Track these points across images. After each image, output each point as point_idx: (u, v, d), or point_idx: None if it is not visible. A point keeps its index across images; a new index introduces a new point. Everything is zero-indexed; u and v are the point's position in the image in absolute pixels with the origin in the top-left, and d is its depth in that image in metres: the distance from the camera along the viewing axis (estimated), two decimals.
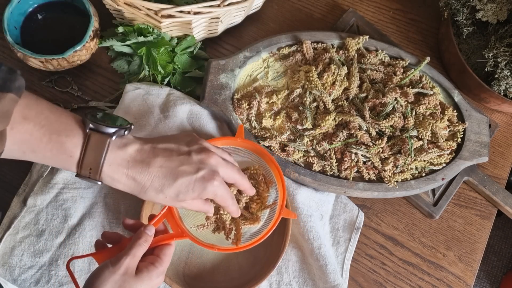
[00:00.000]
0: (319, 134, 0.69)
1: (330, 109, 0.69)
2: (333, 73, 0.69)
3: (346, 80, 0.71)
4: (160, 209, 0.54)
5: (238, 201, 0.60)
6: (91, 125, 0.44)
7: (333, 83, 0.70)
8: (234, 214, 0.55)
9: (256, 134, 0.69)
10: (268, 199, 0.60)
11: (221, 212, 0.58)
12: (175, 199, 0.48)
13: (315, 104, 0.70)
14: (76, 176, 0.45)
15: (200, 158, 0.48)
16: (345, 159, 0.68)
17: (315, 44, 0.75)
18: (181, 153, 0.48)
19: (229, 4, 0.66)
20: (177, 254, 0.64)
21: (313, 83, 0.70)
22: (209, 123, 0.69)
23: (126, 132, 0.46)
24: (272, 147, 0.68)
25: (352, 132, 0.68)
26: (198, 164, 0.48)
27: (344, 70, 0.71)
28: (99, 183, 0.45)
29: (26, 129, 0.42)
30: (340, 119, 0.68)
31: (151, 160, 0.46)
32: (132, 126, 0.48)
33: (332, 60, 0.73)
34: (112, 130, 0.45)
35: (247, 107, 0.69)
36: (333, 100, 0.71)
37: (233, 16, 0.74)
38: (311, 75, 0.70)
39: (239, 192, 0.59)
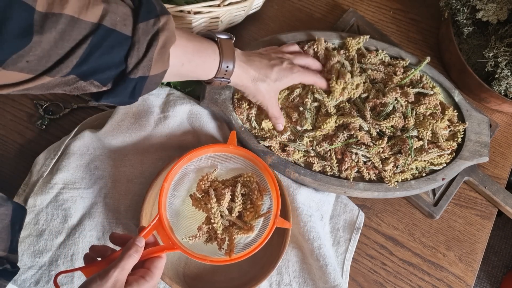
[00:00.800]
0: (320, 135, 0.69)
1: (332, 113, 0.69)
2: (346, 81, 0.69)
3: (356, 87, 0.70)
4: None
5: (231, 210, 0.59)
6: (217, 35, 0.58)
7: (343, 89, 0.70)
8: (323, 85, 0.69)
9: (256, 134, 0.69)
10: (262, 207, 0.59)
11: (213, 222, 0.57)
12: (273, 85, 0.63)
13: (316, 104, 0.70)
14: (210, 80, 0.58)
15: (278, 56, 0.65)
16: (346, 159, 0.68)
17: (326, 42, 0.75)
18: (268, 55, 0.65)
19: (229, 4, 0.66)
20: (177, 254, 0.64)
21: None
22: (209, 123, 0.69)
23: (234, 37, 0.60)
24: (272, 147, 0.68)
25: (352, 132, 0.68)
26: (280, 60, 0.64)
27: (363, 78, 0.71)
28: (229, 81, 0.59)
29: (183, 44, 0.52)
30: (341, 121, 0.68)
31: (252, 58, 0.62)
32: (234, 36, 0.61)
33: (343, 65, 0.72)
34: (228, 36, 0.59)
35: (247, 107, 0.69)
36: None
37: (233, 16, 0.74)
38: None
39: (232, 200, 0.59)
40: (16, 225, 0.52)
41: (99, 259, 0.50)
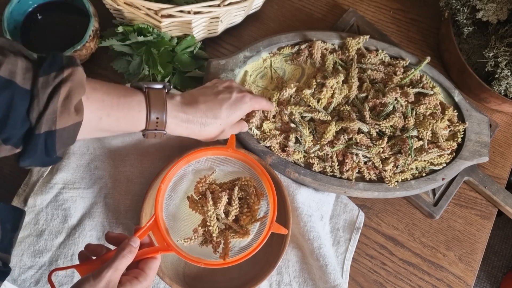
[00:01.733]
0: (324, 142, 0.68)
1: (327, 120, 0.69)
2: (332, 87, 0.69)
3: (345, 87, 0.70)
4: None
5: (227, 213, 0.59)
6: (145, 85, 0.54)
7: (332, 95, 0.70)
8: (271, 108, 0.67)
9: (258, 138, 0.69)
10: (258, 212, 0.59)
11: (209, 224, 0.57)
12: (227, 121, 0.59)
13: (308, 117, 0.70)
14: (143, 131, 0.54)
15: (225, 87, 0.61)
16: (347, 160, 0.68)
17: (323, 43, 0.75)
18: (212, 91, 0.60)
19: (229, 4, 0.66)
20: None
21: (306, 100, 0.69)
22: None
23: (170, 86, 0.57)
24: (272, 147, 0.68)
25: (351, 136, 0.68)
26: (228, 91, 0.60)
27: (341, 77, 0.71)
28: (164, 132, 0.54)
29: (98, 97, 0.49)
30: (340, 127, 0.68)
31: (196, 101, 0.57)
32: (171, 85, 0.59)
33: (335, 64, 0.72)
34: (160, 86, 0.55)
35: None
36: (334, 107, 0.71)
37: (233, 16, 0.74)
38: (304, 94, 0.69)
39: (229, 203, 0.59)
40: (7, 224, 0.52)
41: (94, 257, 0.50)
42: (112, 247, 0.51)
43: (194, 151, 0.60)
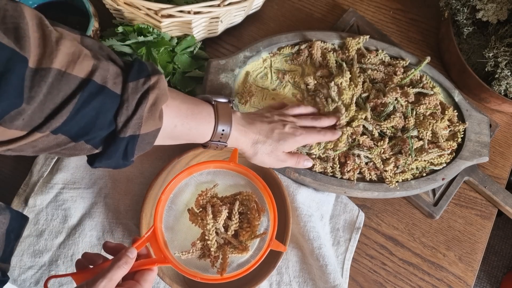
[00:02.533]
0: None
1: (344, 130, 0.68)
2: (341, 84, 0.69)
3: (353, 85, 0.70)
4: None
5: (227, 228, 0.59)
6: (213, 98, 0.57)
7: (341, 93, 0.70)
8: (332, 139, 0.66)
9: None
10: (259, 228, 0.59)
11: (207, 238, 0.57)
12: (277, 147, 0.61)
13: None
14: (207, 142, 0.56)
15: (284, 119, 0.63)
16: (348, 162, 0.68)
17: (322, 43, 0.75)
18: (271, 118, 0.63)
19: (229, 4, 0.66)
20: None
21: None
22: None
23: (234, 101, 0.62)
24: None
25: (354, 137, 0.68)
26: (283, 122, 0.63)
27: (348, 74, 0.71)
28: (226, 144, 0.57)
29: (175, 105, 0.51)
30: (351, 130, 0.68)
31: (254, 120, 0.61)
32: (234, 99, 0.65)
33: (337, 62, 0.72)
34: (226, 99, 0.58)
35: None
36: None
37: (233, 16, 0.74)
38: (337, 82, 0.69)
39: (229, 218, 0.58)
40: (12, 234, 0.52)
41: (91, 266, 0.50)
42: (110, 257, 0.51)
43: (196, 163, 0.60)
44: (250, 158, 0.62)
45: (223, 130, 0.56)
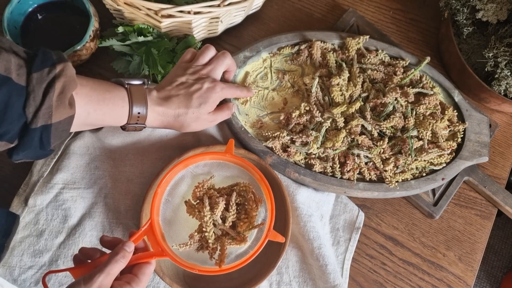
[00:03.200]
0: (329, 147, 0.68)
1: (340, 126, 0.68)
2: (338, 84, 0.68)
3: (351, 85, 0.70)
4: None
5: (225, 219, 0.58)
6: (126, 81, 0.56)
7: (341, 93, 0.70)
8: (248, 95, 0.69)
9: (257, 137, 0.69)
10: (256, 218, 0.59)
11: (205, 230, 0.57)
12: (200, 110, 0.60)
13: (328, 122, 0.69)
14: (124, 125, 0.57)
15: (197, 78, 0.62)
16: (348, 162, 0.68)
17: (322, 43, 0.75)
18: (186, 83, 0.61)
19: (229, 4, 0.66)
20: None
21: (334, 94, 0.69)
22: None
23: (149, 82, 0.60)
24: (274, 147, 0.68)
25: (353, 137, 0.68)
26: (200, 82, 0.61)
27: (346, 73, 0.71)
28: (145, 126, 0.58)
29: (86, 93, 0.51)
30: (349, 127, 0.68)
31: (170, 94, 0.59)
32: (149, 80, 0.61)
33: (337, 62, 0.72)
34: (140, 82, 0.58)
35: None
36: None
37: (233, 16, 0.74)
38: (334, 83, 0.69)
39: (226, 209, 0.58)
40: None
41: (89, 261, 0.50)
42: (108, 251, 0.50)
43: (192, 155, 0.60)
44: (180, 130, 0.62)
45: (138, 113, 0.56)
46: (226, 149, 0.61)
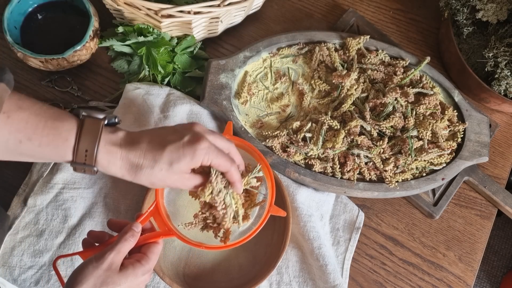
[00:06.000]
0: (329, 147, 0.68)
1: (335, 128, 0.68)
2: (350, 82, 0.69)
3: (357, 85, 0.70)
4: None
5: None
6: (83, 113, 0.46)
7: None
8: (237, 184, 0.51)
9: (257, 137, 0.69)
10: (258, 196, 0.59)
11: (214, 195, 0.52)
12: (170, 170, 0.46)
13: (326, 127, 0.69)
14: (71, 164, 0.46)
15: (186, 128, 0.49)
16: (348, 162, 0.67)
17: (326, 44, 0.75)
18: (167, 130, 0.49)
19: (229, 4, 0.66)
20: (177, 254, 0.64)
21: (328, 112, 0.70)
22: (209, 123, 0.69)
23: (116, 119, 0.48)
24: (273, 147, 0.68)
25: (352, 137, 0.68)
26: (183, 131, 0.48)
27: (355, 74, 0.71)
28: (95, 168, 0.45)
29: (22, 117, 0.43)
30: (348, 127, 0.68)
31: (140, 138, 0.47)
32: (117, 118, 0.49)
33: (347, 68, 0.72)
34: (102, 115, 0.46)
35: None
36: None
37: (233, 16, 0.74)
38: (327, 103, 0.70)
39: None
40: None
41: (97, 244, 0.51)
42: (114, 234, 0.51)
43: None
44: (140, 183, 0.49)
45: (86, 151, 0.45)
46: (225, 131, 0.61)
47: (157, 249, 0.51)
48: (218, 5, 0.65)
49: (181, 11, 0.64)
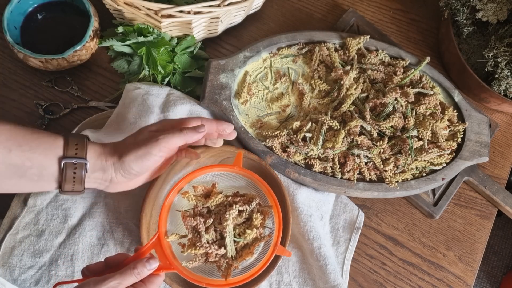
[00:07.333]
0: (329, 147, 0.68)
1: (335, 128, 0.68)
2: (349, 81, 0.69)
3: (356, 85, 0.71)
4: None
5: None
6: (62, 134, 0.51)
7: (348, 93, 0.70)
8: (195, 156, 0.58)
9: (257, 137, 0.69)
10: (264, 231, 0.59)
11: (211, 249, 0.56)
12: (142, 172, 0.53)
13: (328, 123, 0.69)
14: (63, 158, 0.49)
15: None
16: (348, 162, 0.67)
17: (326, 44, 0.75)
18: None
19: (229, 4, 0.66)
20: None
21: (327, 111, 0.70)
22: None
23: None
24: (273, 147, 0.68)
25: (352, 137, 0.68)
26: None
27: (353, 73, 0.71)
28: (86, 162, 0.50)
29: (8, 129, 0.47)
30: (348, 127, 0.68)
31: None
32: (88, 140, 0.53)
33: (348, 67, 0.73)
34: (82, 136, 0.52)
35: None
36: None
37: (233, 16, 0.74)
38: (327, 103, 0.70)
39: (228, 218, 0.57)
40: None
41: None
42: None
43: (200, 168, 0.60)
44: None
45: (76, 144, 0.50)
46: (234, 162, 0.61)
47: (158, 281, 0.50)
48: (218, 5, 0.65)
49: (181, 11, 0.64)
